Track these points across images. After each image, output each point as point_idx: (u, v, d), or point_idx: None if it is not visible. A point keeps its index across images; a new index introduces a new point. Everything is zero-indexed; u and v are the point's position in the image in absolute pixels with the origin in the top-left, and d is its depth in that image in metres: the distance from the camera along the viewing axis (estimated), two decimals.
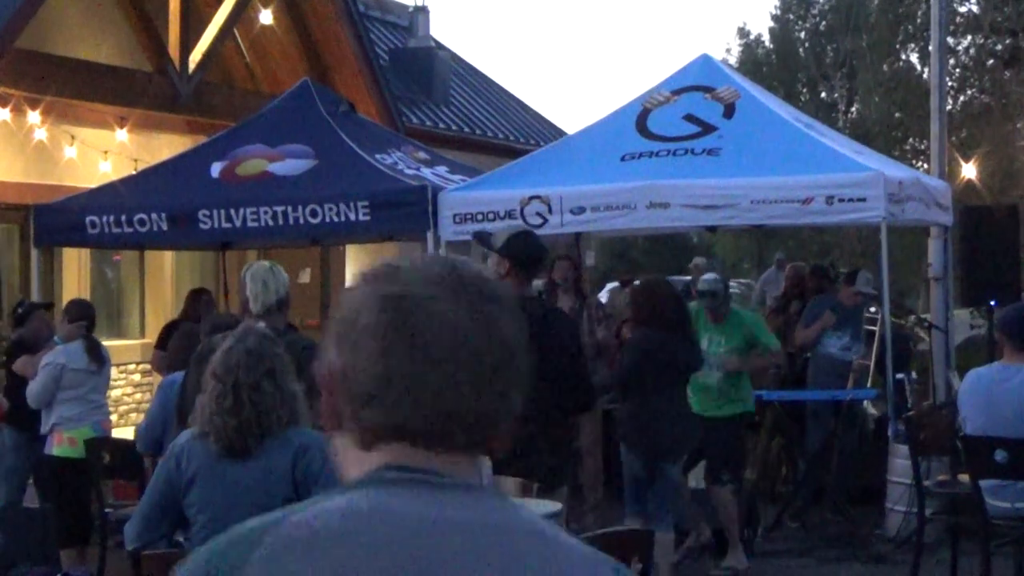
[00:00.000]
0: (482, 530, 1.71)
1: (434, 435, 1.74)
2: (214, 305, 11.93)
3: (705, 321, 10.07)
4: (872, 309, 12.22)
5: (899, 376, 11.22)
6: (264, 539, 1.66)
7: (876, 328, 12.05)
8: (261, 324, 6.08)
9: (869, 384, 11.51)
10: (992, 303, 11.55)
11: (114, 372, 13.23)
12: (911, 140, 29.67)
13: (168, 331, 11.69)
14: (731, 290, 11.75)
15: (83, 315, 9.76)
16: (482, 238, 7.77)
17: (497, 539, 1.72)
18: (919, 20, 32.05)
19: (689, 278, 16.28)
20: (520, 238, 7.35)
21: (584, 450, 10.25)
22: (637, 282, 10.47)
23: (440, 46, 22.49)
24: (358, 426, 1.85)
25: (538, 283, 11.08)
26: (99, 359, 9.38)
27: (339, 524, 1.69)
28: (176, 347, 9.40)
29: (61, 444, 9.18)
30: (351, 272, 17.01)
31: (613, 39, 73.07)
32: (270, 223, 11.16)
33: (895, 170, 11.53)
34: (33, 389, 9.34)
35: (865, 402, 11.41)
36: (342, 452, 1.80)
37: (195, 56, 15.39)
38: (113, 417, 12.94)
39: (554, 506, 6.32)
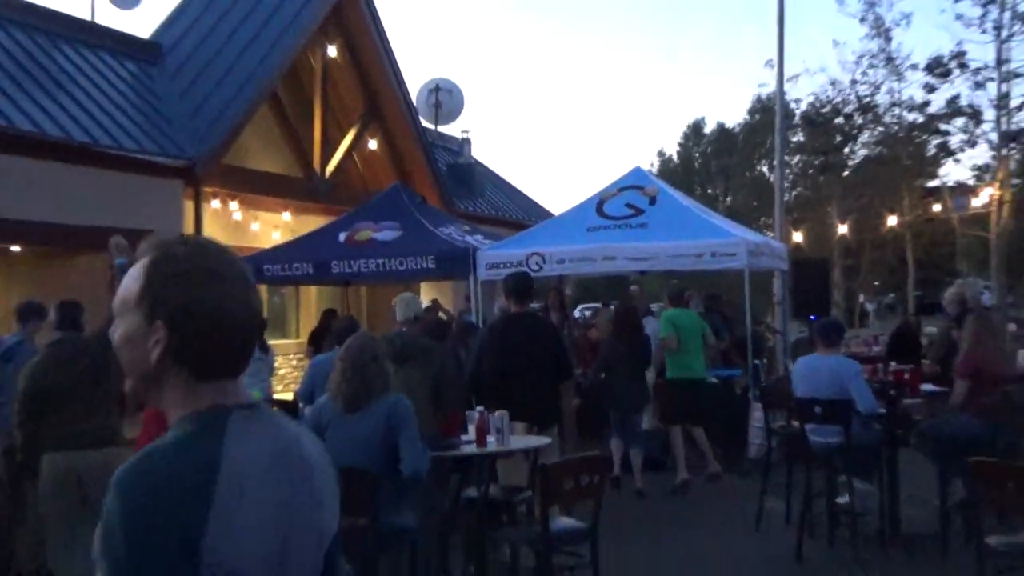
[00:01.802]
0: None
1: None
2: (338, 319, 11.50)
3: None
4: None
5: (756, 362, 11.28)
6: None
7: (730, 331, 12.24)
8: (402, 331, 6.46)
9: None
10: (812, 317, 11.65)
11: (280, 359, 14.15)
12: (763, 219, 30.01)
13: (312, 335, 12.57)
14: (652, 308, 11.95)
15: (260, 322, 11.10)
16: (505, 279, 8.04)
17: None
18: (767, 146, 33.18)
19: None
20: (512, 276, 7.58)
21: (566, 407, 9.21)
22: (612, 306, 10.74)
23: (478, 163, 22.59)
24: None
25: (538, 305, 11.17)
26: (264, 349, 9.55)
27: None
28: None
29: None
30: (425, 299, 17.08)
31: (580, 149, 77.77)
32: (375, 269, 11.69)
33: (753, 237, 11.93)
34: None
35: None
36: None
37: (329, 168, 16.41)
38: (279, 386, 13.74)
39: (547, 440, 6.74)
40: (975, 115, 20.93)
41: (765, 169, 39.42)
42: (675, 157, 47.99)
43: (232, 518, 1.36)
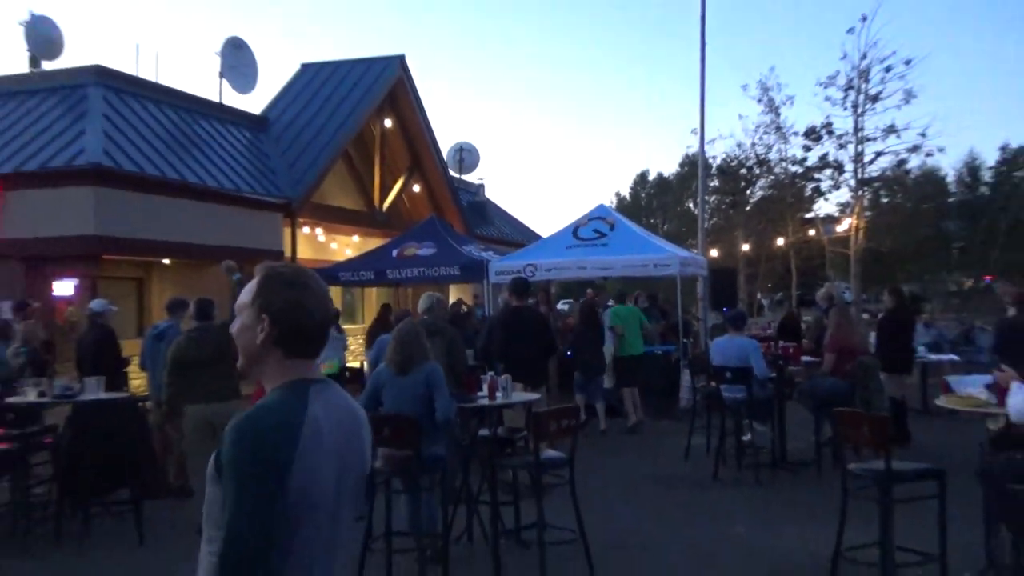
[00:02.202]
0: None
1: None
2: (391, 310, 11.57)
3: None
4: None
5: (685, 340, 11.30)
6: None
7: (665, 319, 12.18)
8: (424, 317, 6.19)
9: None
10: (724, 309, 11.78)
11: (350, 338, 13.30)
12: (690, 240, 29.98)
13: (374, 322, 11.86)
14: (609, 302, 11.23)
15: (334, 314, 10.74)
16: (508, 281, 8.18)
17: None
18: (693, 189, 33.25)
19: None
20: (515, 280, 7.65)
21: (551, 372, 9.53)
22: (580, 301, 10.56)
23: (490, 201, 22.54)
24: None
25: (532, 300, 10.91)
26: (339, 331, 9.28)
27: None
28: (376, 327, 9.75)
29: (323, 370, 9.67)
30: (452, 297, 17.08)
31: (561, 189, 77.74)
32: (417, 275, 11.66)
33: (683, 253, 11.90)
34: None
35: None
36: None
37: (385, 204, 16.58)
38: (349, 357, 12.47)
39: (538, 395, 6.46)
40: (839, 167, 21.17)
41: (691, 205, 39.46)
42: (627, 196, 48.46)
43: (310, 458, 1.38)
